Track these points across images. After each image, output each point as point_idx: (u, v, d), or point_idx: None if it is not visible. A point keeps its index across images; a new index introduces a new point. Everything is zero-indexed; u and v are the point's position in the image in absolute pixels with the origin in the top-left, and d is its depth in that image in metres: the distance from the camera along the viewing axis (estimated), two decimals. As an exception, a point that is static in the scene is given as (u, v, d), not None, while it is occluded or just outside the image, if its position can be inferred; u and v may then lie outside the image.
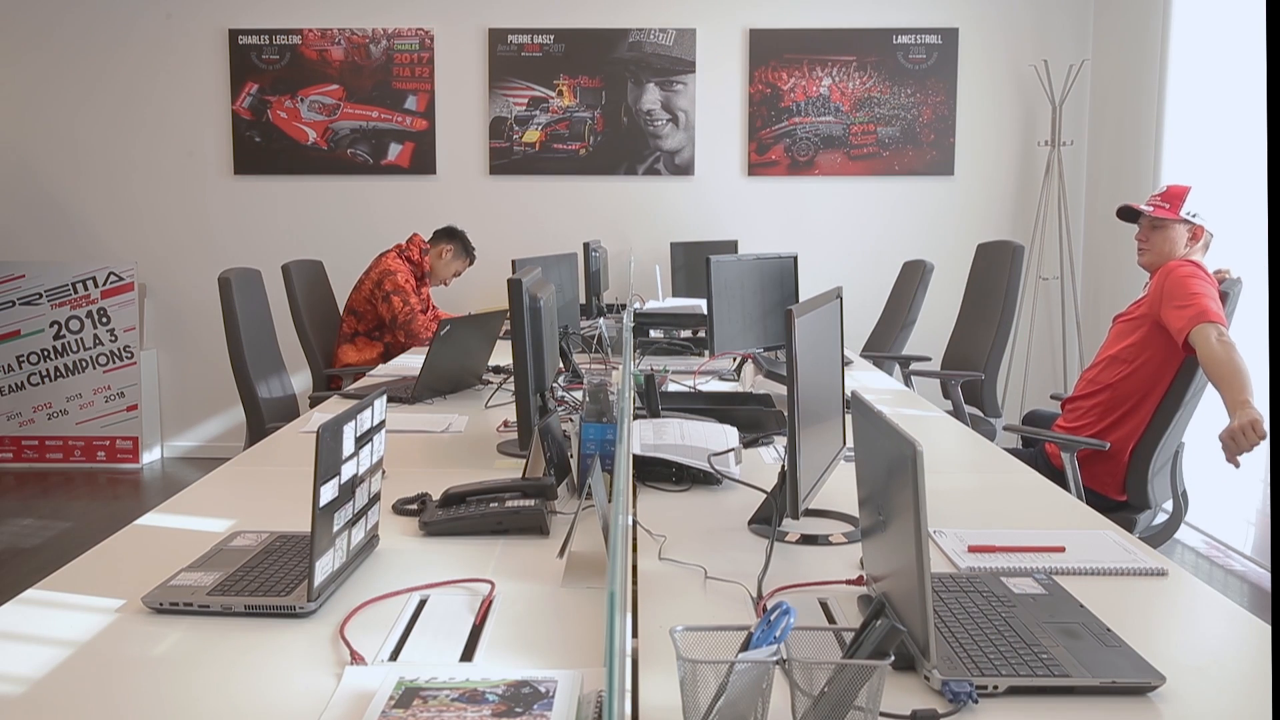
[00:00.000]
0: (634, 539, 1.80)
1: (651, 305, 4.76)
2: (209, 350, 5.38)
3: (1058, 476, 2.76)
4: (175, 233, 5.80)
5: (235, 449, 3.16)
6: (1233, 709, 1.26)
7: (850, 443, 1.66)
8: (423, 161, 5.72)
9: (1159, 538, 2.96)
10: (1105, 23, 5.49)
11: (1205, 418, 3.06)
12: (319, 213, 5.74)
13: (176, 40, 5.67)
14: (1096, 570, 1.70)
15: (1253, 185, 4.09)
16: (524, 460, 2.13)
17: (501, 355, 3.58)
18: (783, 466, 1.75)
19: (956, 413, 3.80)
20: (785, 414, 1.74)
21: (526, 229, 5.69)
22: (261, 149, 5.71)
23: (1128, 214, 3.15)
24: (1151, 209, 3.03)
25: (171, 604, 1.52)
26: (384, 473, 1.79)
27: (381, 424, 1.73)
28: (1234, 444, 2.54)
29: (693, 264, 5.31)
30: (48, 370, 5.72)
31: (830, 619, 1.51)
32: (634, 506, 2.03)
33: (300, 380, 4.67)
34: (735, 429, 2.35)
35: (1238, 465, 2.57)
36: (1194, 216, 2.98)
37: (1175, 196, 3.03)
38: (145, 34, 5.66)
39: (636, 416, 2.46)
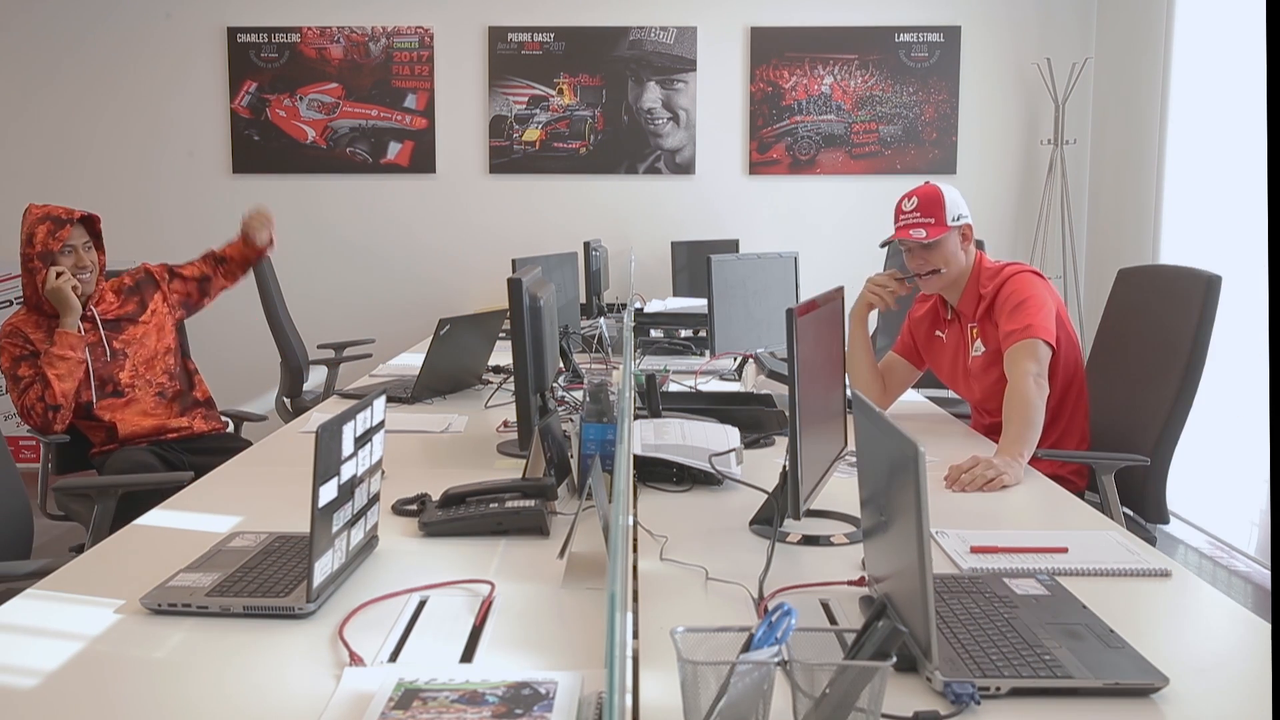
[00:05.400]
0: (634, 539, 1.80)
1: (654, 306, 4.75)
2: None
3: None
4: (174, 232, 5.77)
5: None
6: (1236, 710, 1.26)
7: (852, 443, 1.66)
8: (422, 160, 5.71)
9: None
10: (1108, 21, 5.48)
11: (1204, 417, 3.05)
12: (318, 212, 5.73)
13: (175, 38, 5.65)
14: (1099, 571, 1.69)
15: (1256, 183, 4.08)
16: (524, 460, 2.12)
17: (501, 355, 3.57)
18: (784, 467, 1.74)
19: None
20: (786, 414, 1.73)
21: (526, 228, 5.68)
22: (260, 148, 5.70)
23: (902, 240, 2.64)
24: (924, 233, 2.58)
25: (170, 605, 1.51)
26: (383, 473, 1.79)
27: (381, 424, 1.72)
28: (967, 475, 2.18)
29: (694, 263, 5.30)
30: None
31: (832, 620, 1.51)
32: (634, 507, 2.02)
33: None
34: (736, 429, 2.34)
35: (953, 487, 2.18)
36: (959, 219, 2.62)
37: (934, 203, 2.60)
38: (144, 32, 5.64)
39: (637, 416, 2.45)
